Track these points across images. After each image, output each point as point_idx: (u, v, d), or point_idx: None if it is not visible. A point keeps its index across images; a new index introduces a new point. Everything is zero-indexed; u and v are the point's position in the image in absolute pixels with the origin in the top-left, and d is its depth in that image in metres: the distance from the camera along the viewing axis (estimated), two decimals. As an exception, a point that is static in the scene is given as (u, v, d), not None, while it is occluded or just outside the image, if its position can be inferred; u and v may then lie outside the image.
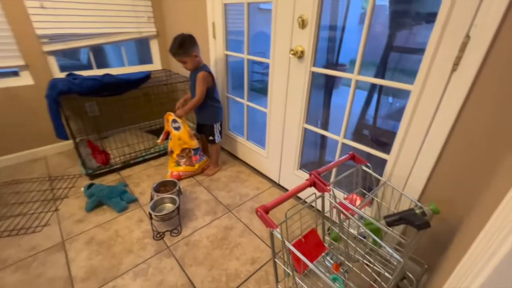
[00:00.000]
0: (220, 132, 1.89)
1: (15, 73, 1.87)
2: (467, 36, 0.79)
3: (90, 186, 1.63)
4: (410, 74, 1.00)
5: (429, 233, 1.04)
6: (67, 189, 1.73)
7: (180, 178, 1.85)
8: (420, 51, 0.92)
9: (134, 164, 2.02)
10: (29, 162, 2.03)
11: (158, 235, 1.39)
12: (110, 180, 1.85)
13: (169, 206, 1.48)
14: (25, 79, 1.89)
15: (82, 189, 1.64)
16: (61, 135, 1.72)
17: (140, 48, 2.55)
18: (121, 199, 1.61)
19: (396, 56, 1.68)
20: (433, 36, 0.86)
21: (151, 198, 1.52)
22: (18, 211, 1.53)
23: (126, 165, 1.98)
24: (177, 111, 1.74)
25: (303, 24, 1.25)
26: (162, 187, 1.62)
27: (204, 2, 1.78)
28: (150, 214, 1.35)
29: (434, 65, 0.89)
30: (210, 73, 1.67)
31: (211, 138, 1.85)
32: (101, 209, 1.57)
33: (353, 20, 1.71)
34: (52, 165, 2.00)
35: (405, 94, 1.02)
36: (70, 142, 2.12)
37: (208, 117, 1.81)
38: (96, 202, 1.56)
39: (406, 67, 1.58)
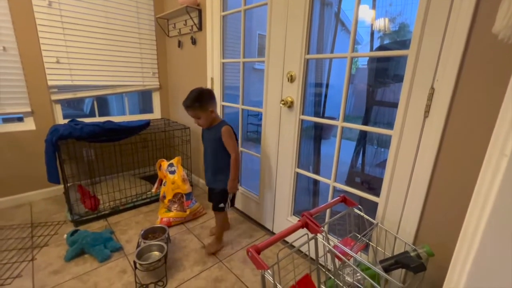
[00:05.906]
0: (233, 198, 1.58)
1: (19, 119, 1.95)
2: (432, 88, 0.91)
3: (74, 233, 1.55)
4: (391, 125, 1.09)
5: (431, 282, 0.99)
6: (48, 236, 1.63)
7: (170, 225, 1.78)
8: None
9: (124, 210, 1.96)
10: (12, 208, 1.95)
11: (141, 288, 1.27)
12: (96, 227, 1.76)
13: (156, 255, 1.39)
14: (27, 125, 1.96)
15: (65, 236, 1.55)
16: (53, 179, 1.70)
17: (142, 98, 2.74)
18: (105, 247, 1.51)
19: (378, 109, 1.85)
20: (404, 88, 0.99)
21: (138, 245, 1.44)
22: (-11, 261, 1.41)
23: (115, 211, 1.92)
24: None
25: (291, 79, 1.41)
26: (151, 234, 1.54)
27: (204, 61, 2.01)
28: (134, 263, 1.27)
29: (408, 112, 1.00)
30: (232, 127, 1.44)
31: (221, 205, 1.49)
32: (82, 258, 1.46)
33: (338, 77, 1.93)
34: (37, 211, 1.92)
35: (389, 143, 1.10)
36: (59, 187, 2.08)
37: (223, 180, 1.45)
38: (77, 250, 1.46)
39: (388, 119, 1.72)
